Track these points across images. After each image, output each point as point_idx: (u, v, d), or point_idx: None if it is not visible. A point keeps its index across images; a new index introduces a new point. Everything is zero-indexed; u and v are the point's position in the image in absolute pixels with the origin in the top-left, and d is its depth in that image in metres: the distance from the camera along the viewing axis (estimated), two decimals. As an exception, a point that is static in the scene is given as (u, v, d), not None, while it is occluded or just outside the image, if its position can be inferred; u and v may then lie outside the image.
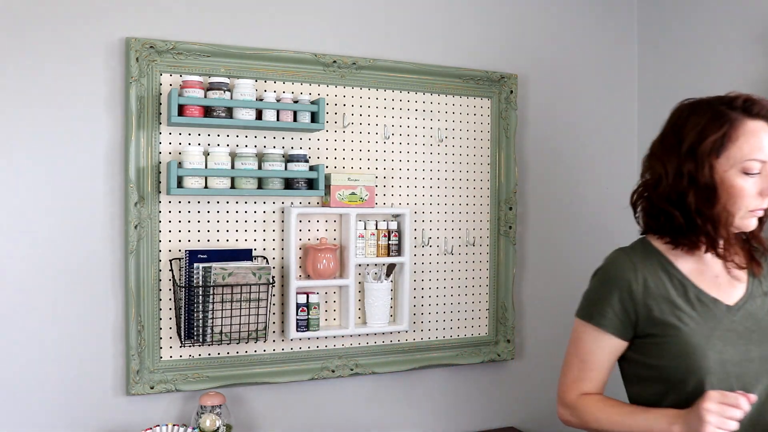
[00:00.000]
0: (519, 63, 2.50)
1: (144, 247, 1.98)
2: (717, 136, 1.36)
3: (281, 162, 2.07)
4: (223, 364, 2.08)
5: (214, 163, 1.99)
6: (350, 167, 2.24)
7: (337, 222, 2.22)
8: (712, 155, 1.36)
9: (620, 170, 2.67)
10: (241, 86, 2.02)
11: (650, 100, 2.64)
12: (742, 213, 1.38)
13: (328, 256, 2.12)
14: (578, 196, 2.60)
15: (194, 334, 1.98)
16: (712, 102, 1.43)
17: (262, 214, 2.13)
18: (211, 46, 2.04)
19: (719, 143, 1.36)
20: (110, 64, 1.97)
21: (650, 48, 2.64)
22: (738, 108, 1.39)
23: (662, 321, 1.39)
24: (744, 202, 1.37)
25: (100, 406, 1.98)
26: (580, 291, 1.59)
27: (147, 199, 1.98)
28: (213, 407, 1.97)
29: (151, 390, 2.00)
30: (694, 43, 2.45)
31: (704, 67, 2.40)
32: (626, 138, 2.69)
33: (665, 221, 1.43)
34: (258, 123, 2.02)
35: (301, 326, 2.11)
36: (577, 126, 2.60)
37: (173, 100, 1.92)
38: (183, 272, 2.00)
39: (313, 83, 2.19)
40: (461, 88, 2.36)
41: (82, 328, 1.96)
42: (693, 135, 1.39)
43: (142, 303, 1.99)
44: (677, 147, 1.41)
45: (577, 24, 2.61)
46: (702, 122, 1.39)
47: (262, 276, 2.01)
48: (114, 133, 1.98)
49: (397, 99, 2.30)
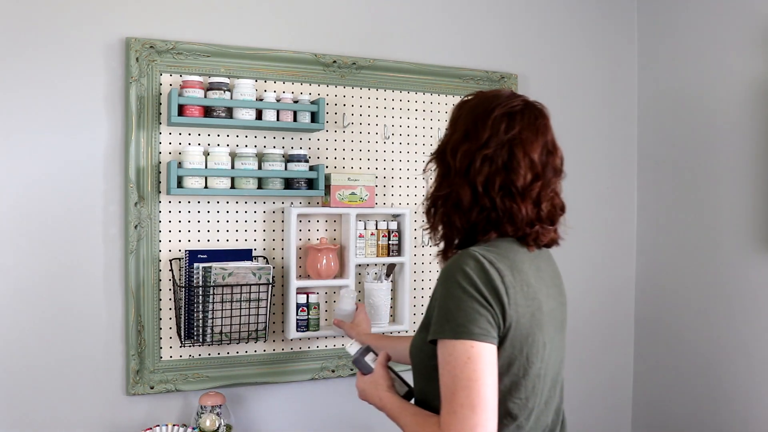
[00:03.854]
0: (519, 63, 2.50)
1: (144, 247, 1.98)
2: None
3: (281, 162, 2.07)
4: (223, 364, 2.08)
5: (214, 163, 1.99)
6: (350, 167, 2.24)
7: (337, 222, 2.22)
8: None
9: (620, 170, 2.68)
10: (241, 86, 2.02)
11: (650, 100, 2.64)
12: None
13: (328, 256, 2.12)
14: (578, 195, 2.60)
15: (194, 334, 1.98)
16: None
17: (262, 214, 2.13)
18: (211, 46, 2.04)
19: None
20: (110, 64, 1.97)
21: (650, 48, 2.64)
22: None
23: None
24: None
25: (100, 406, 1.98)
26: (579, 291, 1.59)
27: (147, 199, 1.98)
28: (213, 407, 1.97)
29: (151, 390, 2.00)
30: (694, 43, 2.45)
31: (704, 67, 2.40)
32: (626, 138, 2.69)
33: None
34: (258, 123, 2.02)
35: (301, 326, 2.11)
36: (577, 126, 2.60)
37: (173, 100, 1.92)
38: (183, 272, 2.00)
39: (313, 83, 2.18)
40: (461, 88, 2.36)
41: (82, 328, 1.96)
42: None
43: (142, 303, 1.99)
44: None
45: (577, 24, 2.60)
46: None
47: (262, 276, 2.01)
48: (114, 133, 1.98)
49: (397, 99, 2.30)
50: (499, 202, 1.27)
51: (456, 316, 1.18)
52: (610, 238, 2.67)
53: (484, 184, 1.27)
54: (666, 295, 2.56)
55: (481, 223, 1.29)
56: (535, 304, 1.25)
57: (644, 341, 2.66)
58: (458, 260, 1.23)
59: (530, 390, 1.26)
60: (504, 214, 1.27)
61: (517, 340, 1.22)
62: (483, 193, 1.27)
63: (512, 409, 1.25)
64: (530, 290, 1.25)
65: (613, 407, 2.69)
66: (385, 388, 1.41)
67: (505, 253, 1.26)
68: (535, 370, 1.25)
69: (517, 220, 1.28)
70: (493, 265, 1.21)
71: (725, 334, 2.32)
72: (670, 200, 2.54)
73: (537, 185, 1.29)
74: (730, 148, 2.30)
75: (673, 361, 2.52)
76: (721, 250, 2.33)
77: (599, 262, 2.63)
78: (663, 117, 2.58)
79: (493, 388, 1.16)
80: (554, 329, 1.31)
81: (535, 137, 1.29)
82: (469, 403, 1.13)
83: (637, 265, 2.69)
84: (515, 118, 1.29)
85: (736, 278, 2.29)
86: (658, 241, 2.59)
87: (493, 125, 1.28)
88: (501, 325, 1.20)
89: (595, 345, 2.64)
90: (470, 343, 1.16)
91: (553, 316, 1.31)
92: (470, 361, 1.15)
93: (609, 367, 2.68)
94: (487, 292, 1.19)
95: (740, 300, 2.27)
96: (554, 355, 1.32)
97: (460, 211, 1.30)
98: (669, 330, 2.54)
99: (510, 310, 1.20)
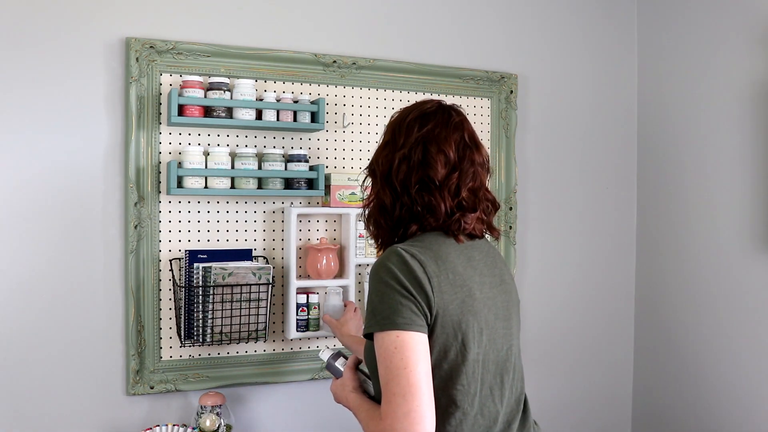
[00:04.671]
0: (519, 63, 2.50)
1: (144, 247, 1.98)
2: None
3: (281, 162, 2.07)
4: (223, 364, 2.08)
5: (214, 163, 1.99)
6: (350, 167, 2.24)
7: (337, 222, 2.22)
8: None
9: (620, 170, 2.68)
10: (241, 86, 2.02)
11: (650, 99, 2.64)
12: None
13: (328, 256, 2.12)
14: (578, 195, 2.60)
15: (194, 334, 1.98)
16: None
17: (262, 214, 2.13)
18: (211, 46, 2.04)
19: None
20: (110, 64, 1.97)
21: (650, 48, 2.64)
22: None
23: None
24: None
25: (100, 406, 1.98)
26: (579, 290, 1.59)
27: (147, 199, 1.98)
28: (213, 407, 1.98)
29: (151, 390, 2.00)
30: (694, 43, 2.45)
31: (704, 67, 2.40)
32: (626, 138, 2.69)
33: None
34: (258, 123, 2.02)
35: (301, 326, 2.11)
36: (577, 126, 2.60)
37: (173, 100, 1.92)
38: (183, 272, 2.00)
39: (313, 83, 2.19)
40: (461, 88, 2.36)
41: (82, 328, 1.96)
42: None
43: (142, 303, 1.99)
44: None
45: (577, 24, 2.60)
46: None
47: (262, 276, 2.01)
48: (114, 133, 1.98)
49: (397, 99, 2.30)
50: (418, 197, 1.34)
51: (381, 309, 1.24)
52: (610, 238, 2.67)
53: (403, 182, 1.35)
54: (666, 295, 2.56)
55: (404, 219, 1.36)
56: (464, 291, 1.29)
57: (644, 341, 2.66)
58: (382, 257, 1.30)
59: (471, 376, 1.29)
60: (424, 208, 1.34)
61: (449, 326, 1.27)
62: (402, 191, 1.35)
63: (455, 396, 1.28)
64: (457, 278, 1.29)
65: (613, 406, 2.69)
66: (351, 389, 1.48)
67: (428, 245, 1.32)
68: (473, 355, 1.29)
69: (438, 212, 1.34)
70: (415, 257, 1.27)
71: (725, 333, 2.32)
72: (669, 200, 2.54)
73: (454, 177, 1.35)
74: (729, 148, 2.30)
75: (672, 361, 2.52)
76: (721, 250, 2.33)
77: (599, 262, 2.63)
78: (663, 117, 2.58)
79: (425, 375, 1.20)
80: (494, 316, 1.35)
81: (448, 132, 1.37)
82: (401, 390, 1.18)
83: (637, 265, 2.69)
84: (428, 118, 1.38)
85: (735, 278, 2.29)
86: (658, 241, 2.59)
87: (408, 128, 1.38)
88: (428, 314, 1.25)
89: (595, 344, 2.64)
90: (395, 333, 1.22)
91: (492, 303, 1.35)
92: (397, 350, 1.21)
93: (609, 367, 2.68)
94: (409, 283, 1.24)
95: (740, 299, 2.27)
96: (498, 342, 1.35)
97: (385, 212, 1.38)
98: (669, 329, 2.54)
99: (435, 297, 1.25)
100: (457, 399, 1.28)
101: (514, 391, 1.38)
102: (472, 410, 1.30)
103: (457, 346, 1.27)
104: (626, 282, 2.69)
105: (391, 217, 1.37)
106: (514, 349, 1.39)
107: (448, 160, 1.35)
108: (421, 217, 1.34)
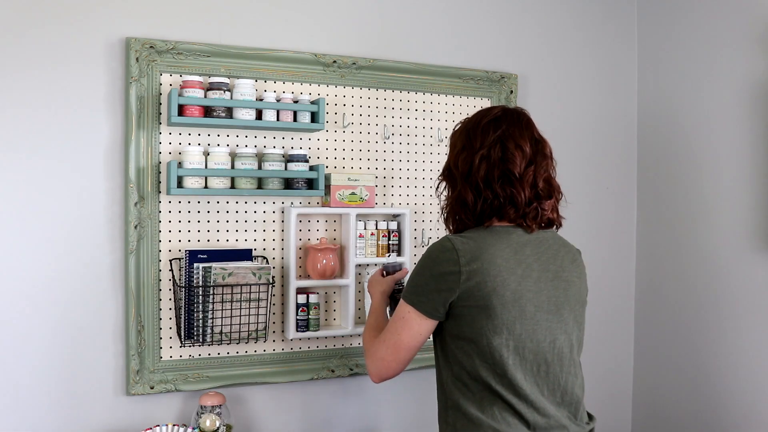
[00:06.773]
0: (519, 63, 2.50)
1: (144, 247, 1.98)
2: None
3: (281, 162, 2.07)
4: (223, 364, 2.08)
5: (214, 163, 1.99)
6: (350, 167, 2.24)
7: (337, 222, 2.22)
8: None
9: (620, 170, 2.68)
10: (241, 86, 2.02)
11: (650, 100, 2.64)
12: None
13: (328, 256, 2.12)
14: (578, 195, 2.60)
15: (194, 334, 1.98)
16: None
17: (262, 214, 2.13)
18: (211, 46, 2.04)
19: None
20: (110, 64, 1.98)
21: (650, 48, 2.64)
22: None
23: None
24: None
25: (100, 406, 1.98)
26: (580, 291, 1.60)
27: (147, 199, 1.98)
28: (213, 407, 1.98)
29: (151, 390, 2.00)
30: (694, 43, 2.45)
31: (704, 67, 2.40)
32: (626, 138, 2.69)
33: None
34: (258, 123, 2.02)
35: (301, 326, 2.11)
36: (577, 126, 2.60)
37: (173, 100, 1.92)
38: (183, 272, 2.00)
39: (313, 83, 2.19)
40: (461, 88, 2.37)
41: (82, 328, 1.96)
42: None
43: (142, 303, 1.99)
44: None
45: (577, 24, 2.61)
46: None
47: (262, 276, 2.01)
48: (114, 133, 1.98)
49: (397, 99, 2.30)
50: (500, 190, 1.48)
51: (412, 282, 1.52)
52: (610, 238, 2.67)
53: (485, 178, 1.49)
54: (666, 295, 2.56)
55: (485, 213, 1.51)
56: (498, 281, 1.43)
57: (644, 340, 2.66)
58: (436, 242, 1.51)
59: (497, 359, 1.44)
60: (506, 199, 1.49)
61: (475, 310, 1.44)
62: (484, 187, 1.49)
63: (480, 373, 1.46)
64: (492, 268, 1.43)
65: (613, 406, 2.69)
66: (382, 290, 1.80)
67: (477, 237, 1.47)
68: (500, 340, 1.43)
69: (518, 202, 1.49)
70: (455, 246, 1.45)
71: (724, 333, 2.32)
72: (670, 200, 2.54)
73: (530, 170, 1.50)
74: (729, 148, 2.30)
75: (672, 360, 2.52)
76: (721, 250, 2.33)
77: (599, 261, 2.63)
78: (663, 117, 2.58)
79: (407, 347, 1.51)
80: (535, 308, 1.46)
81: (521, 131, 1.53)
82: (385, 340, 1.54)
83: (637, 265, 2.69)
84: (500, 120, 1.53)
85: (735, 277, 2.29)
86: (658, 241, 2.59)
87: (483, 132, 1.52)
88: (449, 299, 1.45)
89: (595, 344, 2.64)
90: (410, 308, 1.50)
91: (535, 296, 1.46)
92: (403, 320, 1.51)
93: (609, 366, 2.68)
94: (441, 269, 1.45)
95: (739, 299, 2.27)
96: (539, 333, 1.46)
97: (466, 208, 1.52)
98: (668, 329, 2.54)
99: (461, 286, 1.43)
100: (482, 375, 1.45)
101: (561, 383, 1.50)
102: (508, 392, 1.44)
103: (484, 329, 1.43)
104: (626, 282, 2.69)
105: (473, 213, 1.51)
106: (559, 343, 1.49)
107: (525, 154, 1.50)
108: (502, 208, 1.49)
